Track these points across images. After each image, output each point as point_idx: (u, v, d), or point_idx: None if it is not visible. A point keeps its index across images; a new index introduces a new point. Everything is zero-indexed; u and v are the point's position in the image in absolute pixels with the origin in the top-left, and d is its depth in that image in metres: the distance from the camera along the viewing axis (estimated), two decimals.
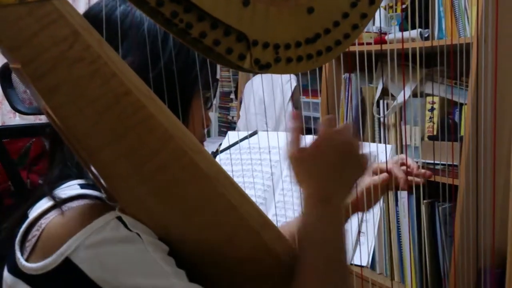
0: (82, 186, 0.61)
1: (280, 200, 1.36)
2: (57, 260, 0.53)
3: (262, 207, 1.33)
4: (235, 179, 1.39)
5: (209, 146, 2.13)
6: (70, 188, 0.61)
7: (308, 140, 1.32)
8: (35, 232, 0.57)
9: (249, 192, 1.33)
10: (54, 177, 0.64)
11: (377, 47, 1.70)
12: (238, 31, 0.56)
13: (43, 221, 0.57)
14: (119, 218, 0.55)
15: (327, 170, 0.64)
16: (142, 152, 0.54)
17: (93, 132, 0.53)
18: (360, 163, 0.67)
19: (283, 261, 0.62)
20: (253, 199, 1.33)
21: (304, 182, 0.65)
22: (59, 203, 0.57)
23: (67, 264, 0.53)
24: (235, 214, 0.59)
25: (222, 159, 1.44)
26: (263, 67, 0.59)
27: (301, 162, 0.66)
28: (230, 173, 1.43)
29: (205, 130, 0.75)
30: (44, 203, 0.59)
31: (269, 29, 0.58)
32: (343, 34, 0.64)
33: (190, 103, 0.66)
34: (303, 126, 0.70)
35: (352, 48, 1.82)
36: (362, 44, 1.77)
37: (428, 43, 1.59)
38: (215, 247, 0.59)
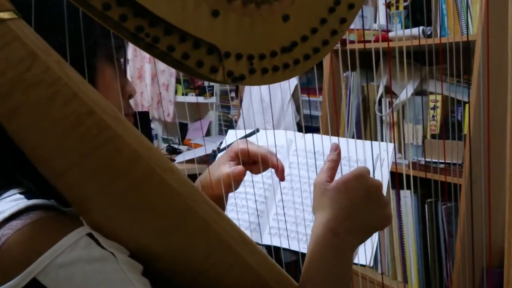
0: (26, 196, 0.56)
1: (281, 199, 1.35)
2: (23, 281, 0.50)
3: (263, 206, 1.33)
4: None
5: (209, 145, 2.13)
6: (13, 199, 0.56)
7: (308, 138, 1.29)
8: None
9: (249, 191, 1.33)
10: None
11: (379, 45, 1.68)
12: (208, 43, 0.55)
13: None
14: (90, 235, 0.53)
15: (347, 205, 0.64)
16: (110, 173, 0.53)
17: (57, 154, 0.52)
18: (383, 215, 0.67)
19: (265, 279, 0.61)
20: (254, 198, 1.32)
21: (321, 210, 0.65)
22: (8, 219, 0.54)
23: (35, 285, 0.50)
24: (211, 232, 0.57)
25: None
26: (237, 79, 0.57)
27: (325, 191, 0.66)
28: None
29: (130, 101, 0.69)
30: None
31: (242, 39, 0.57)
32: (322, 41, 0.62)
33: (93, 73, 0.60)
34: (339, 158, 0.71)
35: (353, 46, 1.82)
36: (364, 42, 1.75)
37: (430, 41, 1.56)
38: (192, 264, 0.57)
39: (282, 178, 0.82)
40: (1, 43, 0.49)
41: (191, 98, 2.82)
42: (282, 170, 0.82)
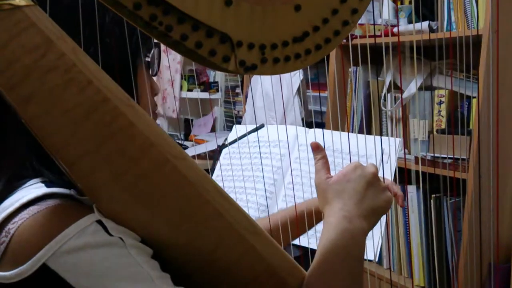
0: (47, 185, 0.58)
1: (287, 194, 1.35)
2: (33, 267, 0.51)
3: (269, 201, 1.33)
4: (241, 173, 1.39)
5: (215, 140, 2.13)
6: (35, 187, 0.58)
7: (313, 133, 1.29)
8: (2, 238, 0.54)
9: (256, 185, 1.33)
10: (7, 178, 0.61)
11: (385, 39, 1.68)
12: (221, 32, 0.54)
13: (11, 226, 0.54)
14: (99, 222, 0.53)
15: (353, 194, 0.68)
16: (122, 160, 0.53)
17: (70, 141, 0.52)
18: (384, 199, 0.71)
19: (275, 268, 0.61)
20: (260, 192, 1.32)
21: (330, 204, 0.69)
22: (26, 205, 0.55)
23: (45, 270, 0.51)
24: (222, 221, 0.57)
25: (228, 153, 1.44)
26: (248, 69, 0.57)
27: (328, 186, 0.70)
28: (236, 167, 1.42)
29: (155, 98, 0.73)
30: (7, 206, 0.57)
31: (254, 29, 0.57)
32: (333, 31, 0.62)
33: (136, 72, 0.65)
34: (325, 154, 0.75)
35: (359, 41, 1.81)
36: (370, 36, 1.74)
37: (438, 35, 1.56)
38: (202, 253, 0.57)
39: (401, 205, 0.84)
40: (17, 29, 0.49)
41: (196, 94, 2.82)
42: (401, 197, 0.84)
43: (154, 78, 0.72)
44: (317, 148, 0.75)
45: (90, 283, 0.52)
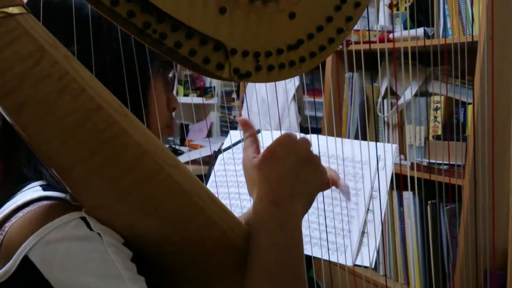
0: (44, 188, 0.59)
1: None
2: (16, 261, 0.52)
3: None
4: (237, 179, 1.38)
5: (211, 146, 2.13)
6: (33, 190, 0.59)
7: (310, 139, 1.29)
8: None
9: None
10: (12, 181, 0.62)
11: (381, 45, 1.69)
12: (215, 40, 0.55)
13: (7, 224, 0.55)
14: (83, 218, 0.53)
15: (281, 173, 0.61)
16: (116, 168, 0.53)
17: (63, 149, 0.52)
18: (318, 174, 0.65)
19: None
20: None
21: (256, 188, 0.62)
22: (22, 207, 0.56)
23: (26, 264, 0.51)
24: (216, 229, 0.57)
25: (223, 159, 1.43)
26: (243, 76, 0.57)
27: (254, 167, 0.64)
28: (231, 173, 1.42)
29: (174, 114, 0.72)
30: (7, 208, 0.57)
31: (248, 36, 0.57)
32: (328, 39, 0.63)
33: (147, 85, 0.64)
34: (255, 131, 0.70)
35: (355, 47, 1.81)
36: (366, 42, 1.75)
37: (434, 42, 1.56)
38: (196, 262, 0.57)
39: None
40: (10, 37, 0.49)
41: (193, 99, 2.82)
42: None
43: None
44: (245, 125, 0.69)
45: (61, 275, 0.51)
